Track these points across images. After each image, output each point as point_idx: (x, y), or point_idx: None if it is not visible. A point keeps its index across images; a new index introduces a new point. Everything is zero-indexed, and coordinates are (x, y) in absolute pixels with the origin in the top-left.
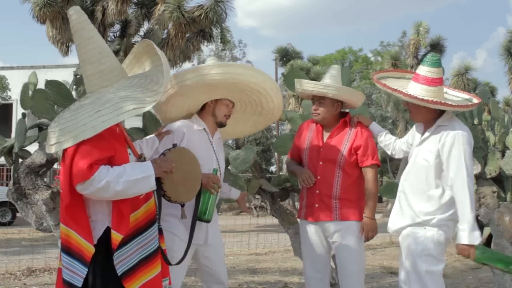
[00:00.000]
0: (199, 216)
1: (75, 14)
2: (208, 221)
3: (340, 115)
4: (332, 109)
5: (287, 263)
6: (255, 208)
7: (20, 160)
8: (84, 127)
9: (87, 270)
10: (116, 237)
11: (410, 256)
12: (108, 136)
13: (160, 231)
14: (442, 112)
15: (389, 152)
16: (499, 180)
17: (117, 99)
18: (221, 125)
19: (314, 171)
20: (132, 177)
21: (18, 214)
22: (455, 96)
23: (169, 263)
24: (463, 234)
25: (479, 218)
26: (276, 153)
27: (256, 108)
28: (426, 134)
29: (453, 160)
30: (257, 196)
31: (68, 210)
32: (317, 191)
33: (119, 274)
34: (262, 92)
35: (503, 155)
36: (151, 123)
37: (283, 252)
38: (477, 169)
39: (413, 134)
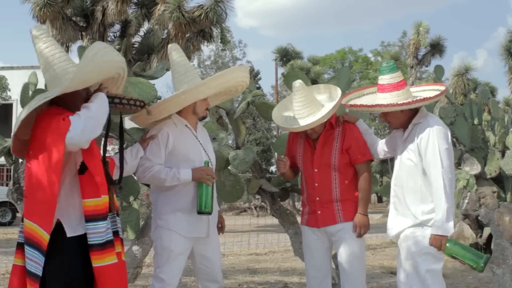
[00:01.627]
0: (199, 210)
1: (33, 30)
2: (209, 213)
3: None
4: (323, 125)
5: (287, 263)
6: (255, 208)
7: (20, 160)
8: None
9: (44, 258)
10: (101, 201)
11: (409, 256)
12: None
13: (117, 234)
14: (416, 112)
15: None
16: (499, 180)
17: (40, 95)
18: (203, 118)
19: (311, 179)
20: (93, 104)
21: (18, 214)
22: (423, 91)
23: (111, 181)
24: (436, 224)
25: (479, 218)
26: (276, 153)
27: (230, 92)
28: (405, 135)
29: (429, 153)
30: (257, 196)
31: (37, 206)
32: (317, 198)
33: (90, 243)
34: (242, 83)
35: (503, 155)
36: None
37: (283, 252)
38: (477, 169)
39: (394, 138)
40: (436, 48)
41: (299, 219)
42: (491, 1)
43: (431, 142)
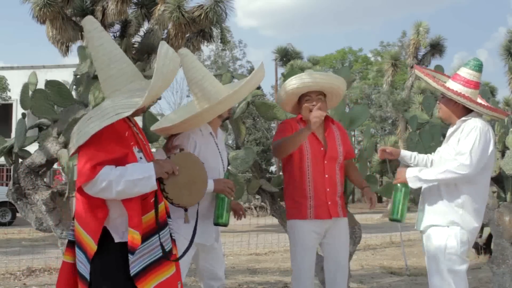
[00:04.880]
0: (216, 221)
1: (86, 24)
2: (225, 225)
3: None
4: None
5: (287, 263)
6: (255, 208)
7: (20, 160)
8: (80, 134)
9: (89, 265)
10: (136, 235)
11: (434, 255)
12: (112, 139)
13: (171, 236)
14: (465, 114)
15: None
16: (499, 180)
17: (109, 105)
18: (226, 118)
19: (320, 171)
20: (132, 177)
21: (18, 214)
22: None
23: (167, 259)
24: (414, 169)
25: None
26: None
27: None
28: (451, 131)
29: (463, 143)
30: (257, 196)
31: (78, 210)
32: (328, 189)
33: (132, 275)
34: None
35: (503, 155)
36: (151, 123)
37: (283, 252)
38: None
39: None
40: (436, 48)
41: None
42: (491, 1)
43: (471, 135)
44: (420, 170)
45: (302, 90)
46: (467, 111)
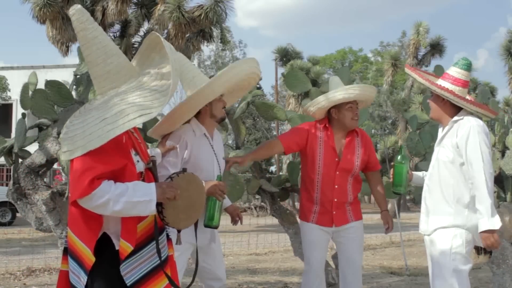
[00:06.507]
0: (206, 223)
1: (76, 13)
2: (216, 227)
3: None
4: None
5: (287, 263)
6: (255, 208)
7: (20, 160)
8: (90, 137)
9: (86, 277)
10: (126, 247)
11: (439, 255)
12: (112, 148)
13: (168, 236)
14: (456, 113)
15: None
16: (499, 180)
17: (123, 105)
18: (222, 119)
19: (330, 181)
20: (132, 199)
21: (18, 214)
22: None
23: (162, 268)
24: (482, 221)
25: None
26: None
27: (244, 86)
28: (444, 131)
29: (470, 148)
30: (257, 196)
31: (72, 217)
32: (335, 200)
33: (128, 285)
34: (253, 75)
35: (503, 155)
36: (151, 123)
37: (283, 252)
38: None
39: None
40: (436, 48)
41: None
42: (491, 1)
43: (472, 138)
44: (482, 213)
45: (349, 99)
46: (456, 109)
